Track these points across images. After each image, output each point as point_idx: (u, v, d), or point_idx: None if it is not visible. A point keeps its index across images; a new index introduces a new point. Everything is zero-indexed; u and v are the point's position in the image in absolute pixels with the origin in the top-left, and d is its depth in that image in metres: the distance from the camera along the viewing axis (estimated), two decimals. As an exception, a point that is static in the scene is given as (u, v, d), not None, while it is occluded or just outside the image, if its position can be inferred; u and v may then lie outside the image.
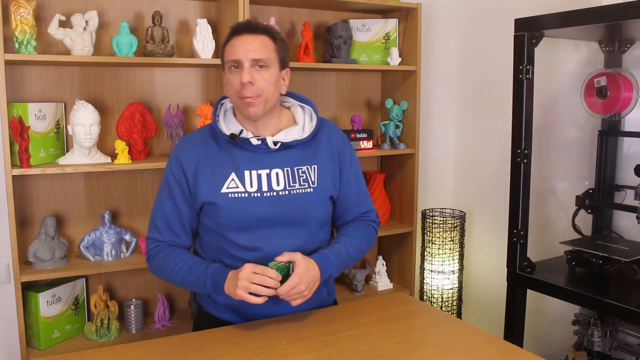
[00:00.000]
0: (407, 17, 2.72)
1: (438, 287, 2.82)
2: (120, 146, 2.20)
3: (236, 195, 1.56)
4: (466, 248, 2.97)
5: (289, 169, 1.60)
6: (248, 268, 1.46)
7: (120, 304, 2.36)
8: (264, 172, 1.58)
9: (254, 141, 1.58)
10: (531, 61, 2.06)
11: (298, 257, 1.50)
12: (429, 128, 3.07)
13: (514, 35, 2.08)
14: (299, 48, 2.56)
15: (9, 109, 2.00)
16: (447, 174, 3.18)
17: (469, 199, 3.08)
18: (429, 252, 2.82)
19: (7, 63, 2.00)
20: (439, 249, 2.79)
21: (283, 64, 1.60)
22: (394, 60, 2.69)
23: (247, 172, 1.57)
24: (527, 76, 2.06)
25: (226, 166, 1.58)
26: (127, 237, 2.32)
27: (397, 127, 2.78)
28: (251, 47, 1.52)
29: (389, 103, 2.75)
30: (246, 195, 1.56)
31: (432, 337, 1.53)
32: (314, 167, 1.63)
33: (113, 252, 2.25)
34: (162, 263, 1.60)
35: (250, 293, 1.45)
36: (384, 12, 2.83)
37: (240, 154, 1.59)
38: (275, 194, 1.57)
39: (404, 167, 2.84)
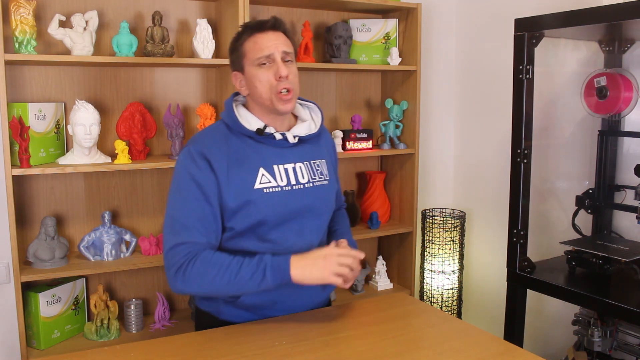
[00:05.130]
0: (407, 17, 2.72)
1: (438, 287, 2.82)
2: (120, 146, 2.20)
3: (270, 190, 1.55)
4: (466, 248, 2.97)
5: (307, 162, 1.64)
6: (333, 250, 1.50)
7: (120, 304, 2.36)
8: (289, 166, 1.60)
9: (277, 136, 1.59)
10: (531, 61, 2.06)
11: (346, 244, 1.59)
12: (429, 128, 3.07)
13: (514, 35, 2.08)
14: (299, 48, 2.56)
15: (9, 109, 2.00)
16: (447, 174, 3.18)
17: (469, 199, 3.08)
18: (429, 252, 2.82)
19: (7, 63, 2.00)
20: (439, 249, 2.79)
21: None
22: (394, 60, 2.69)
23: (275, 167, 1.58)
24: (527, 76, 2.06)
25: (253, 161, 1.56)
26: (127, 237, 2.32)
27: (397, 127, 2.78)
28: (279, 42, 1.56)
29: (389, 103, 2.75)
30: (279, 189, 1.57)
31: (432, 337, 1.53)
32: (323, 161, 1.70)
33: (113, 252, 2.25)
34: (203, 267, 1.46)
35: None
36: (384, 12, 2.83)
37: (265, 150, 1.58)
38: (302, 186, 1.61)
39: (404, 167, 2.84)
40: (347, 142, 2.62)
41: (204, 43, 2.30)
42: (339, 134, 2.61)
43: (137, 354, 1.42)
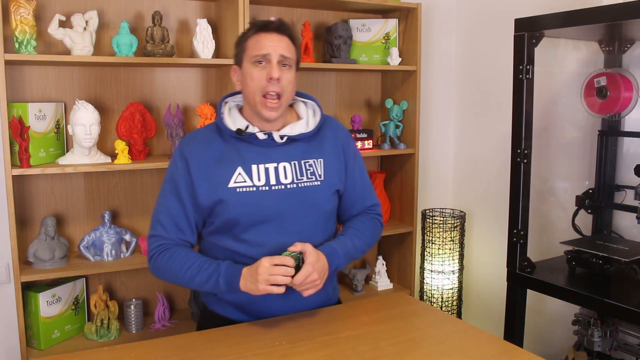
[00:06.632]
0: (407, 17, 2.72)
1: (438, 287, 2.82)
2: (120, 146, 2.20)
3: (244, 189, 1.55)
4: (466, 248, 2.97)
5: (296, 162, 1.61)
6: (266, 261, 1.47)
7: (120, 304, 2.36)
8: (271, 166, 1.58)
9: (261, 135, 1.58)
10: (531, 61, 2.06)
11: (308, 248, 1.52)
12: (429, 128, 3.07)
13: (514, 35, 2.08)
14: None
15: (9, 109, 2.00)
16: (447, 174, 3.18)
17: (469, 199, 3.08)
18: (429, 252, 2.82)
19: (7, 63, 2.00)
20: (439, 249, 2.79)
21: (297, 68, 1.64)
22: (394, 60, 2.69)
23: (254, 166, 1.57)
24: (527, 76, 2.06)
25: (232, 160, 1.57)
26: (127, 237, 2.32)
27: (397, 127, 2.78)
28: (280, 45, 1.55)
29: (389, 103, 2.75)
30: (254, 189, 1.56)
31: (432, 337, 1.53)
32: (320, 161, 1.64)
33: (113, 252, 2.25)
34: (168, 262, 1.56)
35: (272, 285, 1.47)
36: (384, 12, 2.83)
37: (247, 149, 1.59)
38: (283, 187, 1.57)
39: (404, 167, 2.84)
40: (347, 142, 2.62)
41: (204, 43, 2.30)
42: (339, 134, 2.61)
43: (137, 354, 1.43)
